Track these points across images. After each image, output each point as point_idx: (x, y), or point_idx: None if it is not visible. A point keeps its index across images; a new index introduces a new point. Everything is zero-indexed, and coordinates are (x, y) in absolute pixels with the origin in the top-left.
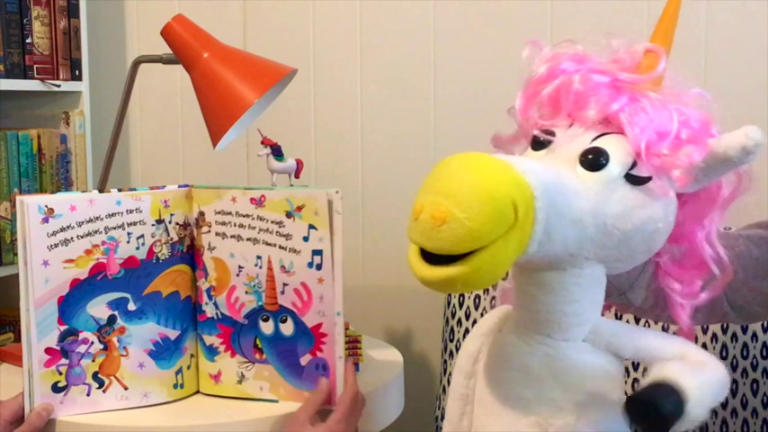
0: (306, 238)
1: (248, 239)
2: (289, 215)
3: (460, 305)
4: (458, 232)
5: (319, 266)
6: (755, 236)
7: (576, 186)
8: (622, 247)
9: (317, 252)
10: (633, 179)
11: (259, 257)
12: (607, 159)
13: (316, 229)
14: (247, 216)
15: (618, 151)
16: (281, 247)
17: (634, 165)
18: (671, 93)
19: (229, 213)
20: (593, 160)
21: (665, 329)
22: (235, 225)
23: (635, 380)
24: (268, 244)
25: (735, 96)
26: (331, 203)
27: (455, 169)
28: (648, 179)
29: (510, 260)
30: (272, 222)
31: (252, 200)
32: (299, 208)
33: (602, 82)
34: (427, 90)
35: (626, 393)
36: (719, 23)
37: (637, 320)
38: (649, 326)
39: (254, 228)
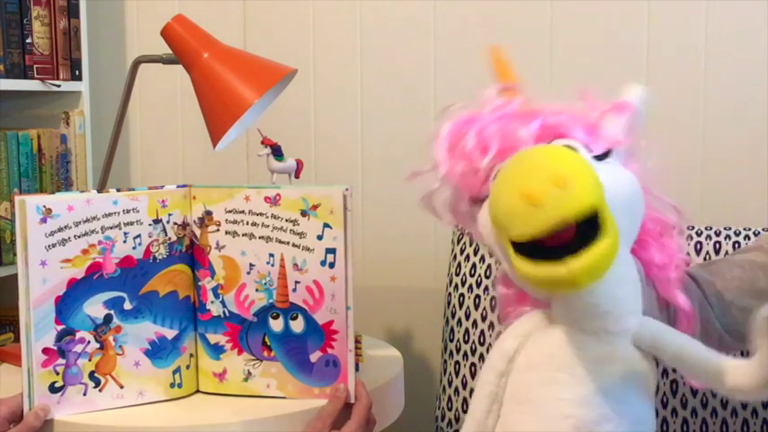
0: (320, 237)
1: (261, 237)
2: (304, 213)
3: (460, 305)
4: (586, 183)
5: (332, 265)
6: (739, 259)
7: None
8: (629, 212)
9: (331, 251)
10: (599, 158)
11: (271, 255)
12: (577, 150)
13: (330, 227)
14: (261, 214)
15: (574, 144)
16: (294, 245)
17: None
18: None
19: (242, 212)
20: None
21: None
22: (247, 224)
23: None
24: (281, 242)
25: (735, 96)
26: (345, 201)
27: (544, 154)
28: (608, 153)
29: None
30: (287, 221)
31: (266, 198)
32: (315, 206)
33: (508, 113)
34: (427, 90)
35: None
36: (719, 23)
37: None
38: None
39: (268, 226)
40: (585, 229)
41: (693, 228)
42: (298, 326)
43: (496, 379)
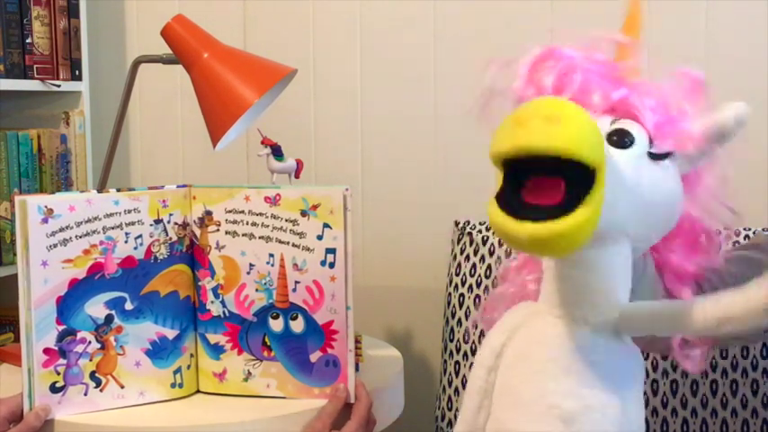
0: (320, 237)
1: (260, 237)
2: (304, 213)
3: (460, 305)
4: (571, 132)
5: (332, 265)
6: (735, 256)
7: (616, 163)
8: (652, 220)
9: (331, 251)
10: (654, 156)
11: (271, 255)
12: (632, 139)
13: (330, 227)
14: (261, 215)
15: (637, 132)
16: (294, 245)
17: (650, 144)
18: (648, 80)
19: (242, 212)
20: (621, 140)
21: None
22: (247, 224)
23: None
24: (281, 242)
25: (735, 96)
26: (345, 201)
27: (557, 100)
28: (668, 155)
29: (599, 219)
30: (287, 221)
31: (266, 198)
32: (315, 206)
33: (601, 68)
34: (427, 90)
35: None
36: (719, 23)
37: None
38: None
39: (268, 226)
40: (574, 197)
41: None
42: (298, 326)
43: (486, 374)
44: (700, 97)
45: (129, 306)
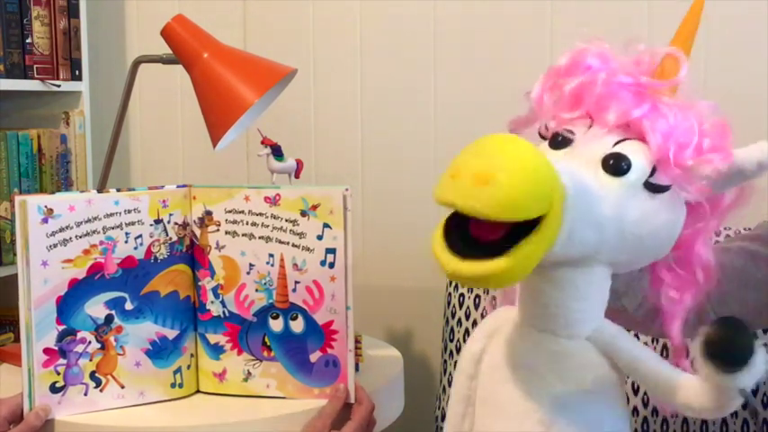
0: (320, 237)
1: (260, 238)
2: (303, 214)
3: (460, 305)
4: (498, 196)
5: (332, 265)
6: (737, 248)
7: (598, 192)
8: (634, 251)
9: (331, 251)
10: (652, 187)
11: (271, 255)
12: (629, 165)
13: (330, 227)
14: (261, 215)
15: (639, 158)
16: (293, 245)
17: (653, 172)
18: (686, 101)
19: (241, 212)
20: (616, 166)
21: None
22: (247, 224)
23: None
24: (281, 242)
25: (735, 96)
26: (345, 201)
27: (500, 143)
28: (667, 188)
29: (540, 258)
30: (287, 221)
31: (266, 198)
32: (315, 207)
33: (625, 84)
34: (427, 90)
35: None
36: (719, 23)
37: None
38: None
39: (267, 226)
40: (521, 229)
41: None
42: (297, 326)
43: (467, 382)
44: (725, 137)
45: (129, 306)
